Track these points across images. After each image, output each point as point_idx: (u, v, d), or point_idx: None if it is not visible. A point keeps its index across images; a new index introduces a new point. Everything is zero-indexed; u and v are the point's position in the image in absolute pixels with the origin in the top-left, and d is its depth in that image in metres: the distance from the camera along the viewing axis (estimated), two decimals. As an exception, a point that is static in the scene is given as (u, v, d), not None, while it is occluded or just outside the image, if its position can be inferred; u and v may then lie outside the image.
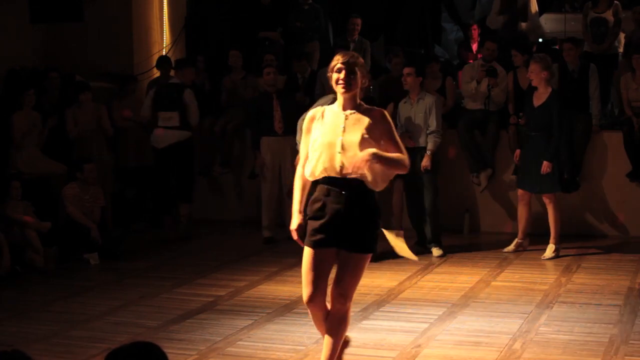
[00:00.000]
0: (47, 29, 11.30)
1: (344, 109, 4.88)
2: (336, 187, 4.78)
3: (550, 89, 8.58)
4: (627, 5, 11.19)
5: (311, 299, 4.86)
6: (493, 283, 7.69)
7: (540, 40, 12.93)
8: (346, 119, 4.84)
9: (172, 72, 10.42)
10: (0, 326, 6.64)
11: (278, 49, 11.40)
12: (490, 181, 9.77)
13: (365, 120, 4.82)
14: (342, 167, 4.75)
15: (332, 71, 4.89)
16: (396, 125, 8.96)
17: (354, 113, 4.87)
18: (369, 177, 4.75)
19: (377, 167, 4.76)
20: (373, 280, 7.83)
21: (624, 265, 8.29)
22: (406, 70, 8.90)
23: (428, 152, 8.67)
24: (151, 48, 11.71)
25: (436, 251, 8.78)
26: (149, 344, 2.93)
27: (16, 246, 8.32)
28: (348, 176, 4.75)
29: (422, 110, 8.72)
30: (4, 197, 8.55)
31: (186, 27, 12.13)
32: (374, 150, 4.71)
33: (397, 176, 8.90)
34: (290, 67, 10.98)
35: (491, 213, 9.93)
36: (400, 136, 8.82)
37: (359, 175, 4.73)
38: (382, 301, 7.09)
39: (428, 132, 8.69)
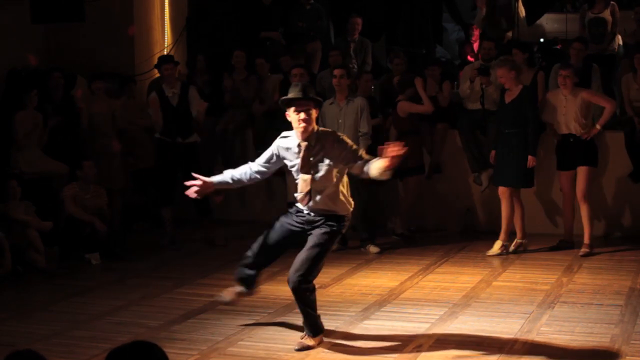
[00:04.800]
0: (48, 29, 11.31)
1: None
2: None
3: (520, 86, 8.71)
4: (627, 5, 11.19)
5: None
6: (494, 283, 7.69)
7: (542, 40, 12.93)
8: None
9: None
10: (2, 326, 6.65)
11: (279, 49, 11.39)
12: (491, 181, 9.77)
13: None
14: None
15: None
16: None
17: None
18: None
19: None
20: (374, 280, 7.84)
21: (625, 265, 8.29)
22: (338, 71, 8.95)
23: None
24: (152, 48, 11.72)
25: (373, 248, 8.96)
26: (149, 344, 2.93)
27: (17, 246, 8.33)
28: None
29: (352, 112, 8.77)
30: (5, 197, 8.56)
31: (187, 27, 12.14)
32: None
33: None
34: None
35: (492, 213, 9.92)
36: None
37: None
38: (383, 301, 7.09)
39: (360, 134, 8.70)
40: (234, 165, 10.63)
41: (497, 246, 8.80)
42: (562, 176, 8.99)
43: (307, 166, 5.78)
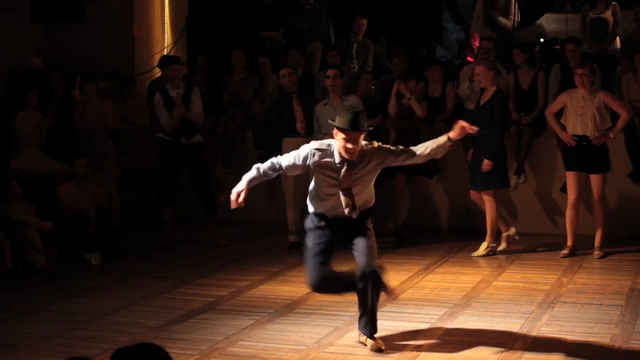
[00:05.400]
0: (48, 29, 11.31)
1: None
2: None
3: (495, 88, 8.64)
4: (627, 5, 11.18)
5: None
6: (494, 283, 7.69)
7: (542, 40, 12.93)
8: None
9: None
10: (2, 326, 6.64)
11: (280, 49, 11.39)
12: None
13: None
14: None
15: None
16: (313, 130, 9.08)
17: None
18: None
19: None
20: (374, 280, 7.83)
21: (625, 265, 8.29)
22: (332, 72, 8.96)
23: None
24: (152, 48, 11.72)
25: None
26: (153, 345, 2.93)
27: (17, 246, 8.33)
28: None
29: None
30: (5, 197, 8.56)
31: (187, 27, 12.13)
32: None
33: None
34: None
35: (492, 213, 9.93)
36: (321, 139, 8.91)
37: None
38: (383, 301, 7.06)
39: None
40: (234, 165, 10.81)
41: (482, 247, 8.78)
42: (570, 176, 8.67)
43: (349, 182, 5.77)
